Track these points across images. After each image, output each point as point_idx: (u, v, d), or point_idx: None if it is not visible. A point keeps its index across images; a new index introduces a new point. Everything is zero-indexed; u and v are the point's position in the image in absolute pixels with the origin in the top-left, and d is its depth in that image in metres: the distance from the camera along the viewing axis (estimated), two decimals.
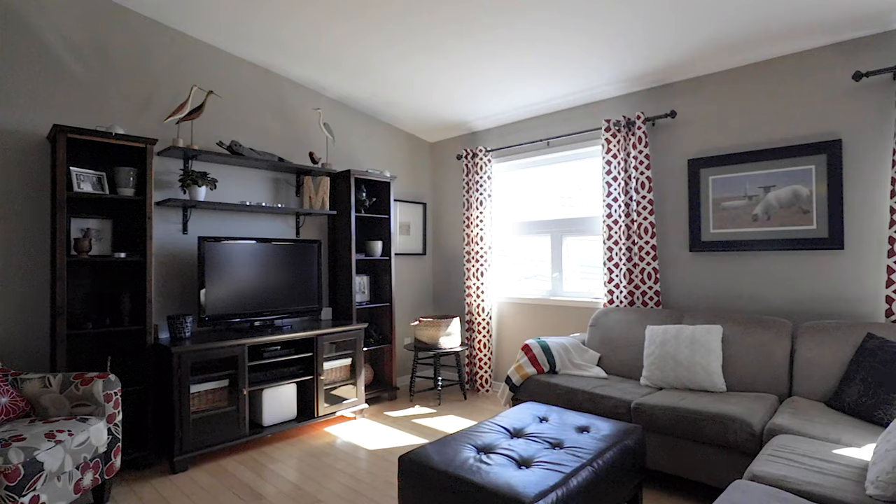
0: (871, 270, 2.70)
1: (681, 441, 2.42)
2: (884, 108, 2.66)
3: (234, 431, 3.04)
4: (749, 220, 3.08)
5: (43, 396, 2.39)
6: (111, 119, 3.05)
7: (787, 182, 2.94)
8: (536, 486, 1.64)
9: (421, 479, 1.84)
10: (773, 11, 2.55)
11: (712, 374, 2.69)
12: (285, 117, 3.87)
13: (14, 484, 1.85)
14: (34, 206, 2.78)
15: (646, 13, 2.65)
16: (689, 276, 3.32)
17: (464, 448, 1.96)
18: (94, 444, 2.26)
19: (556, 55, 3.18)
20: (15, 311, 2.72)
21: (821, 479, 1.64)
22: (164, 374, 2.91)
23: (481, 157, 4.35)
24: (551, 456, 1.89)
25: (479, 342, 4.36)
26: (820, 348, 2.55)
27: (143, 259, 2.89)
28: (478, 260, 4.37)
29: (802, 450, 1.86)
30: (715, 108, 3.22)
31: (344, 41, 3.20)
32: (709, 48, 2.95)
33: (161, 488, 2.61)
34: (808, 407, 2.35)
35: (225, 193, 3.52)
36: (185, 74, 3.34)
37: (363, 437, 3.32)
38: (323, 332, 3.48)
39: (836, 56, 2.79)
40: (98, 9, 2.99)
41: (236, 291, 3.29)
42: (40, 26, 2.80)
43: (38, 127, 2.80)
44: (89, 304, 2.93)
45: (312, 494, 2.52)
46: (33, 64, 2.78)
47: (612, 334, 3.27)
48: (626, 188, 3.48)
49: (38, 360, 2.79)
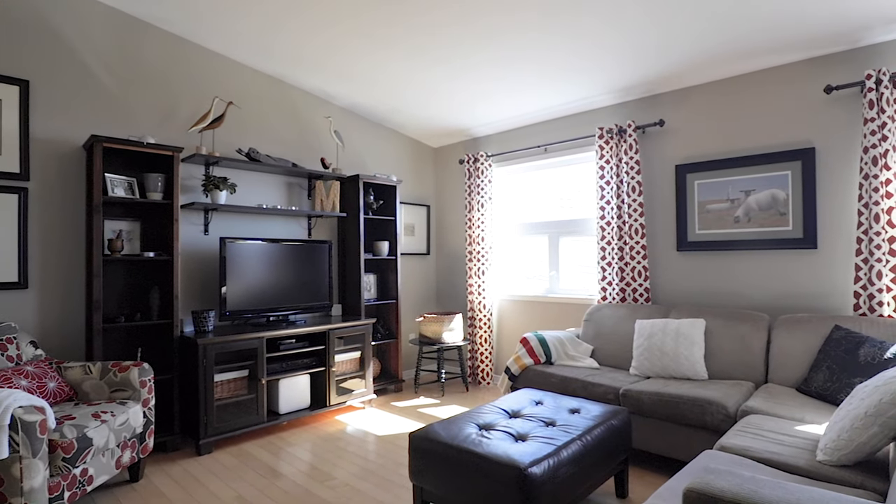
0: (840, 268, 2.93)
1: (664, 423, 2.65)
2: (852, 118, 2.89)
3: (254, 418, 3.28)
4: (731, 222, 3.31)
5: (84, 382, 2.63)
6: (139, 128, 3.29)
7: (766, 186, 3.18)
8: (531, 455, 1.87)
9: (429, 453, 2.07)
10: (752, 29, 2.79)
11: (695, 364, 2.93)
12: (298, 125, 4.11)
13: (69, 456, 2.10)
14: (70, 209, 3.03)
15: (634, 29, 2.89)
16: (676, 274, 3.56)
17: (467, 426, 2.20)
18: (132, 425, 2.50)
19: (552, 68, 3.42)
20: (54, 306, 2.96)
21: (780, 448, 1.87)
22: (189, 365, 3.15)
23: (482, 161, 4.59)
24: (545, 432, 2.12)
25: (481, 337, 4.60)
26: (793, 339, 2.78)
27: (171, 258, 3.13)
28: (479, 259, 4.61)
29: (768, 426, 2.09)
30: (700, 117, 3.45)
31: (354, 56, 3.44)
32: (693, 62, 3.19)
33: (189, 468, 2.85)
34: (780, 392, 2.58)
35: (243, 197, 3.76)
36: (205, 86, 3.58)
37: (372, 425, 3.56)
38: (334, 326, 3.72)
39: (810, 70, 3.03)
40: (129, 26, 3.24)
41: (253, 288, 3.53)
42: (79, 46, 3.05)
43: (74, 136, 3.05)
44: (121, 299, 3.17)
45: (327, 472, 2.76)
46: (71, 79, 3.03)
47: (604, 328, 3.51)
48: (618, 192, 3.71)
49: (75, 350, 3.03)
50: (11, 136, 2.82)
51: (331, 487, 2.58)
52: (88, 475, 2.23)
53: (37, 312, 2.90)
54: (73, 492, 2.14)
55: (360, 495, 2.49)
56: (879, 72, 2.71)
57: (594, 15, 2.77)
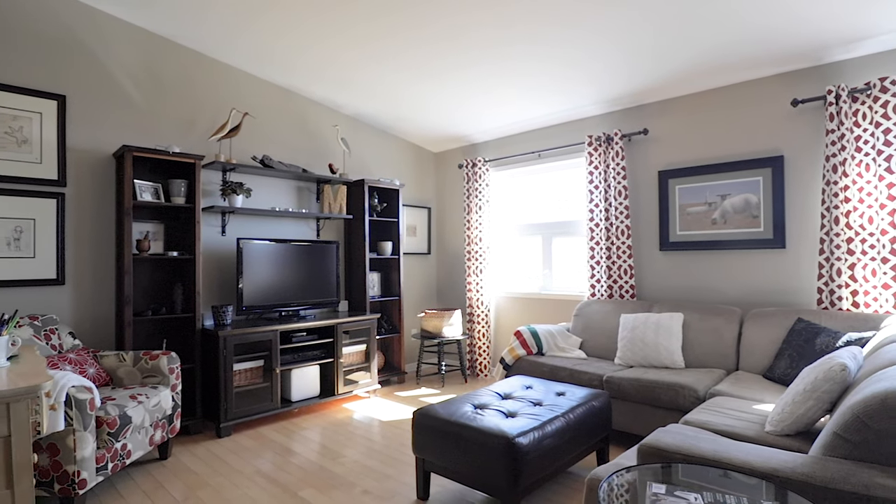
0: (806, 266, 3.21)
1: (643, 406, 2.93)
2: (817, 129, 3.17)
3: (268, 404, 3.56)
4: (709, 224, 3.59)
5: (119, 369, 2.92)
6: (163, 137, 3.57)
7: (740, 191, 3.45)
8: (519, 428, 2.15)
9: (430, 428, 2.35)
10: (726, 47, 3.07)
11: (673, 354, 3.20)
12: (308, 133, 4.39)
13: (113, 431, 2.38)
14: (101, 212, 3.31)
15: (621, 46, 3.17)
16: (659, 272, 3.84)
17: (464, 405, 2.47)
18: (163, 407, 2.79)
19: (544, 80, 3.70)
20: (87, 301, 3.24)
21: (735, 422, 2.15)
22: (210, 355, 3.43)
23: (480, 166, 4.87)
24: (533, 410, 2.40)
25: (479, 332, 4.87)
26: (761, 331, 3.06)
27: (193, 257, 3.41)
28: (477, 258, 4.89)
29: (729, 405, 2.37)
30: (681, 126, 3.73)
31: (358, 67, 3.72)
32: (674, 76, 3.46)
33: (211, 448, 3.13)
34: (748, 378, 2.86)
35: (257, 200, 4.05)
36: (223, 98, 3.86)
37: (377, 412, 3.84)
38: (341, 321, 4.00)
39: (779, 85, 3.30)
40: (154, 44, 3.52)
41: (267, 285, 3.81)
42: (108, 62, 3.33)
43: (105, 146, 3.33)
44: (147, 294, 3.46)
45: (337, 451, 3.04)
46: (103, 93, 3.31)
47: (592, 322, 3.79)
48: (606, 195, 3.99)
49: (105, 340, 3.32)
50: (50, 146, 3.11)
51: (341, 464, 2.86)
52: (127, 449, 2.52)
53: (72, 306, 3.18)
54: (115, 463, 2.43)
55: (369, 470, 2.77)
56: (839, 87, 2.98)
57: (583, 33, 3.05)
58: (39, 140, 3.07)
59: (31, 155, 3.04)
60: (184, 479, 2.69)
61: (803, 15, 2.69)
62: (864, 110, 2.94)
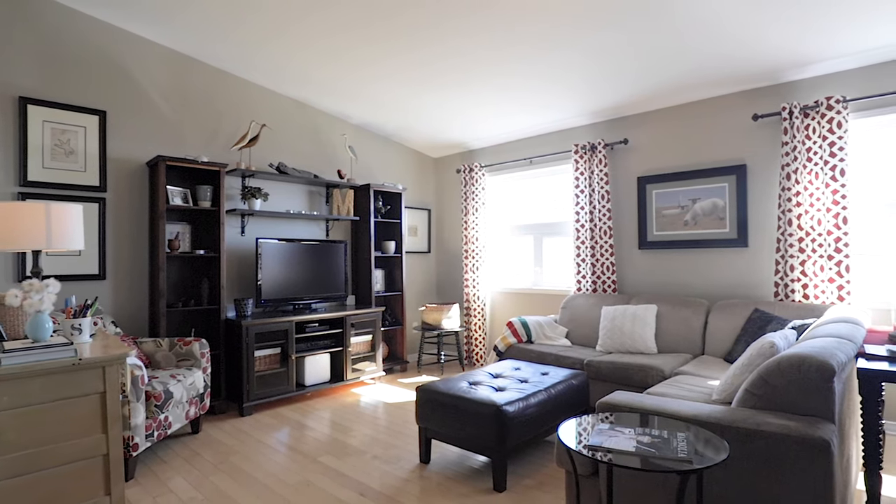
0: (765, 263, 3.61)
1: (617, 386, 3.33)
2: (774, 141, 3.56)
3: (285, 387, 3.95)
4: (681, 225, 3.98)
5: (157, 353, 3.31)
6: (189, 147, 3.96)
7: (709, 196, 3.85)
8: (506, 399, 2.54)
9: (432, 401, 2.74)
10: (692, 70, 3.46)
11: (647, 341, 3.60)
12: (319, 142, 4.79)
13: (159, 403, 2.77)
14: (135, 215, 3.70)
15: (603, 66, 3.57)
16: (638, 268, 4.23)
17: (460, 382, 2.87)
18: (197, 386, 3.18)
19: (536, 95, 4.09)
20: (123, 293, 3.63)
21: (687, 393, 2.54)
22: (233, 343, 3.82)
23: (477, 171, 5.26)
24: (519, 386, 2.80)
25: (475, 324, 5.27)
26: (724, 320, 3.45)
27: (217, 255, 3.80)
28: (474, 257, 5.28)
29: (687, 381, 2.77)
30: (657, 137, 4.12)
31: (365, 83, 4.12)
32: (651, 92, 3.86)
33: (236, 425, 3.52)
34: (710, 361, 3.25)
35: (273, 203, 4.44)
36: (242, 110, 4.26)
37: (382, 396, 4.23)
38: (349, 313, 4.40)
39: (741, 101, 3.70)
40: (181, 62, 3.91)
41: (282, 280, 4.20)
42: (142, 80, 3.72)
43: (139, 155, 3.72)
44: (177, 288, 3.85)
45: (347, 426, 3.44)
46: (137, 108, 3.70)
47: (577, 314, 4.18)
48: (591, 199, 4.38)
49: (139, 328, 3.71)
50: (93, 156, 3.50)
51: (353, 436, 3.26)
52: (169, 421, 2.91)
53: (112, 298, 3.57)
54: (160, 432, 2.82)
55: (377, 441, 3.17)
56: (792, 104, 3.37)
57: (569, 54, 3.44)
58: (84, 151, 3.46)
59: (76, 164, 3.43)
60: (215, 448, 3.08)
61: (750, 44, 3.08)
62: (813, 125, 3.34)
